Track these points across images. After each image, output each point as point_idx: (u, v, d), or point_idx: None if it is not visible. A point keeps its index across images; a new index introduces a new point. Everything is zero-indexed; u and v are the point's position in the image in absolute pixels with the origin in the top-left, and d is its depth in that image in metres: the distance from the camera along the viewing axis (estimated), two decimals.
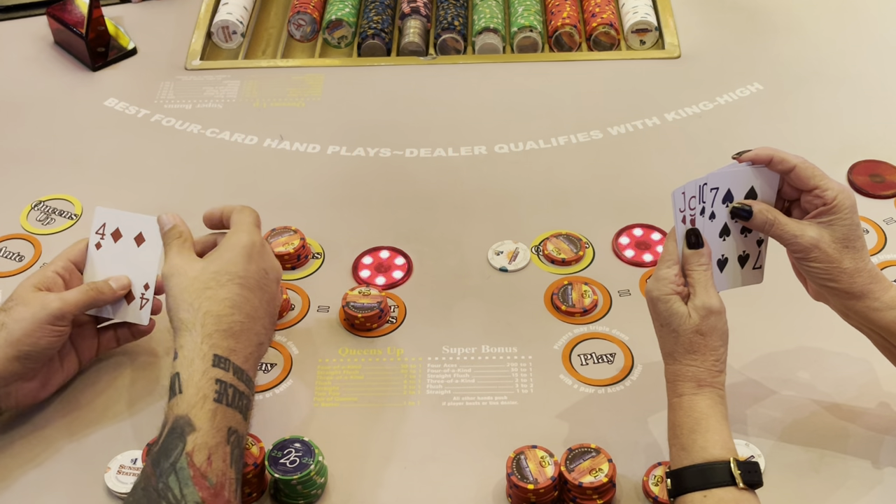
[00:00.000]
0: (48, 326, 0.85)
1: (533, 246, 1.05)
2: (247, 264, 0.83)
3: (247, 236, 0.85)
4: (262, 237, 0.87)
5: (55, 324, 0.85)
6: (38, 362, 0.86)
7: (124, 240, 0.90)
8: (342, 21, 1.36)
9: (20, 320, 0.84)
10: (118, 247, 0.90)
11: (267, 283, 0.85)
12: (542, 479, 0.79)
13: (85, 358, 0.92)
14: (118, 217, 0.91)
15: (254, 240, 0.85)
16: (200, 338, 0.79)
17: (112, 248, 0.90)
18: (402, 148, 1.19)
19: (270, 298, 0.85)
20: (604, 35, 1.33)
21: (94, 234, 0.91)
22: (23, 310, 0.85)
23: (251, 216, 0.88)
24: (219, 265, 0.83)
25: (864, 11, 1.37)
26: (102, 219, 0.91)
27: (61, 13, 1.33)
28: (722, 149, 1.16)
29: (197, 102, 1.27)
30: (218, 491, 0.73)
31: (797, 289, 0.99)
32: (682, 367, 0.78)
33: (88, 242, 0.92)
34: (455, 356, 0.94)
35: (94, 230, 0.91)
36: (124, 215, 0.90)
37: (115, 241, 0.90)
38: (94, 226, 0.91)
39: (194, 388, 0.76)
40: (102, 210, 0.91)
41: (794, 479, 0.82)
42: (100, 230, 0.91)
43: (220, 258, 0.84)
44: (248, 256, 0.84)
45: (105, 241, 0.91)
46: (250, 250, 0.84)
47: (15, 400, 0.87)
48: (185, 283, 0.82)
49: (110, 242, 0.91)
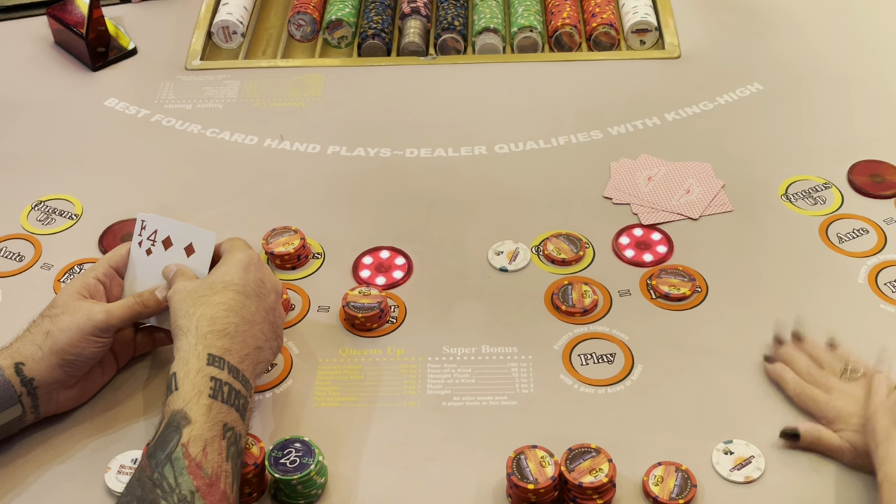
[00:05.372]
0: (92, 338, 0.85)
1: (533, 246, 1.05)
2: (244, 274, 0.86)
3: (242, 253, 0.88)
4: (259, 255, 0.89)
5: (100, 336, 0.86)
6: (80, 370, 0.86)
7: (174, 248, 0.91)
8: (342, 21, 1.36)
9: (65, 329, 0.85)
10: (168, 255, 0.91)
11: (265, 292, 0.87)
12: (543, 479, 0.79)
13: (122, 361, 0.93)
14: (170, 225, 0.91)
15: (250, 255, 0.88)
16: (195, 339, 0.81)
17: (162, 256, 0.91)
18: (402, 148, 1.19)
19: (269, 307, 0.87)
20: (604, 35, 1.33)
21: (146, 241, 0.92)
22: (68, 319, 0.85)
23: (242, 240, 0.91)
24: (216, 277, 0.86)
25: (864, 11, 1.37)
26: (154, 226, 0.92)
27: (61, 13, 1.33)
28: (722, 149, 1.16)
29: (197, 102, 1.27)
30: (213, 481, 0.73)
31: (797, 289, 0.99)
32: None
33: (130, 248, 0.92)
34: (455, 356, 0.94)
35: (146, 236, 0.92)
36: (177, 225, 0.91)
37: (166, 248, 0.91)
38: (144, 232, 0.92)
39: (190, 384, 0.78)
40: (155, 217, 0.92)
41: (794, 479, 0.82)
42: (151, 237, 0.91)
43: (216, 272, 0.87)
44: (244, 268, 0.86)
45: (156, 249, 0.91)
46: (247, 263, 0.87)
47: (55, 405, 0.87)
48: (183, 295, 0.85)
49: (161, 250, 0.91)
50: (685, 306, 0.98)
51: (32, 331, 0.86)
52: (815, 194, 1.09)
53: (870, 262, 1.01)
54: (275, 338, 0.87)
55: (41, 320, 0.86)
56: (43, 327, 0.85)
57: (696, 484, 0.81)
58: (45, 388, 0.85)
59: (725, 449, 0.84)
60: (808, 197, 1.09)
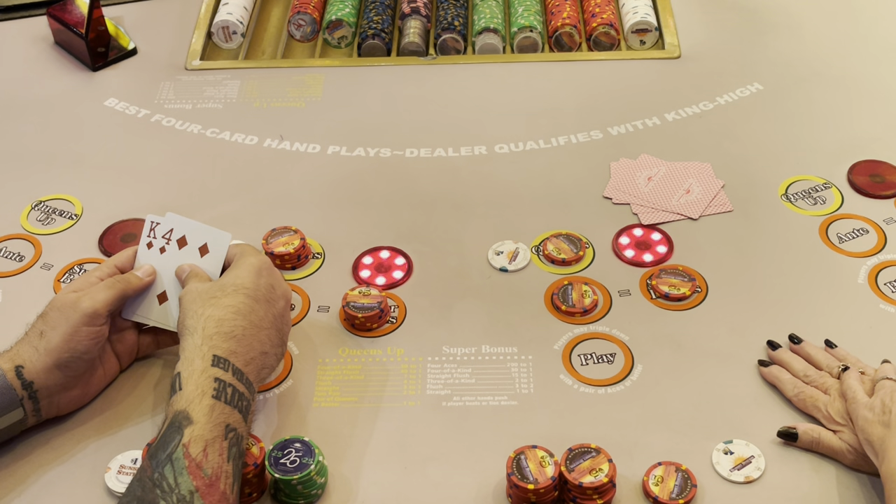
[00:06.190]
0: (84, 328, 0.85)
1: (533, 246, 1.05)
2: (256, 279, 0.86)
3: (255, 258, 0.89)
4: (270, 261, 0.90)
5: (90, 324, 0.85)
6: (77, 369, 0.86)
7: (189, 248, 0.91)
8: (342, 21, 1.36)
9: (56, 326, 0.85)
10: (182, 254, 0.91)
11: (275, 298, 0.87)
12: (543, 479, 0.79)
13: (125, 363, 0.93)
14: (187, 225, 0.92)
15: (262, 259, 0.89)
16: (201, 339, 0.81)
17: (175, 255, 0.91)
18: (402, 148, 1.19)
19: (278, 313, 0.87)
20: (604, 35, 1.33)
21: (160, 239, 0.92)
22: (57, 314, 0.85)
23: (251, 246, 0.92)
24: (227, 280, 0.86)
25: (864, 11, 1.37)
26: (170, 224, 0.92)
27: (61, 13, 1.33)
28: (722, 149, 1.16)
29: (197, 102, 1.27)
30: (213, 482, 0.73)
31: (797, 289, 0.99)
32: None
33: (138, 248, 0.92)
34: (455, 356, 0.94)
35: (160, 234, 0.92)
36: (193, 224, 0.92)
37: (180, 248, 0.91)
38: (157, 230, 0.92)
39: (193, 384, 0.78)
40: (172, 216, 0.92)
41: (794, 479, 0.82)
42: (166, 235, 0.92)
43: (228, 275, 0.87)
44: (257, 272, 0.87)
45: (170, 247, 0.92)
46: (259, 267, 0.87)
47: (57, 408, 0.87)
48: (193, 296, 0.85)
49: (175, 249, 0.91)
50: (685, 306, 0.98)
51: (30, 333, 0.86)
52: (815, 194, 1.09)
53: (870, 263, 1.01)
54: (280, 344, 0.87)
55: (37, 321, 0.87)
56: (38, 328, 0.86)
57: (696, 484, 0.81)
58: (45, 391, 0.85)
59: (725, 449, 0.84)
60: (808, 197, 1.09)
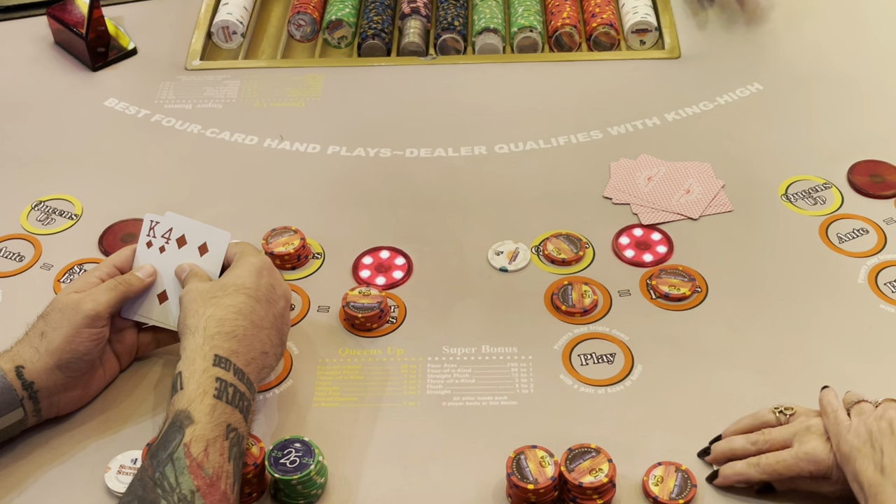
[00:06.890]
0: (85, 330, 0.85)
1: (533, 246, 1.05)
2: (257, 279, 0.86)
3: (256, 258, 0.89)
4: (270, 261, 0.90)
5: (91, 325, 0.85)
6: (78, 370, 0.86)
7: (188, 247, 0.91)
8: (342, 21, 1.36)
9: (57, 327, 0.84)
10: (181, 253, 0.91)
11: (275, 298, 0.87)
12: (542, 479, 0.79)
13: (125, 362, 0.93)
14: (186, 224, 0.92)
15: (263, 259, 0.89)
16: (202, 339, 0.81)
17: (175, 254, 0.91)
18: (402, 148, 1.19)
19: (278, 314, 0.87)
20: (604, 35, 1.33)
21: (160, 238, 0.92)
22: (58, 316, 0.85)
23: (251, 245, 0.92)
24: (228, 279, 0.86)
25: (864, 12, 1.37)
26: (170, 223, 0.92)
27: (61, 13, 1.33)
28: (722, 149, 1.16)
29: (197, 102, 1.27)
30: (214, 482, 0.73)
31: (797, 290, 0.99)
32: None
33: (138, 247, 0.92)
34: (455, 356, 0.94)
35: (160, 234, 0.92)
36: (193, 223, 0.92)
37: (180, 247, 0.91)
38: (157, 229, 0.92)
39: (195, 384, 0.78)
40: (171, 215, 0.92)
41: None
42: (166, 234, 0.92)
43: (229, 274, 0.87)
44: (258, 272, 0.87)
45: (169, 246, 0.91)
46: (260, 267, 0.87)
47: (57, 408, 0.87)
48: (194, 296, 0.85)
49: (174, 248, 0.91)
50: (685, 306, 0.98)
51: (30, 333, 0.86)
52: (815, 194, 1.09)
53: (870, 263, 1.01)
54: (280, 344, 0.87)
55: (38, 322, 0.86)
56: (38, 329, 0.85)
57: (696, 484, 0.81)
58: (46, 391, 0.85)
59: None
60: (808, 197, 1.09)
